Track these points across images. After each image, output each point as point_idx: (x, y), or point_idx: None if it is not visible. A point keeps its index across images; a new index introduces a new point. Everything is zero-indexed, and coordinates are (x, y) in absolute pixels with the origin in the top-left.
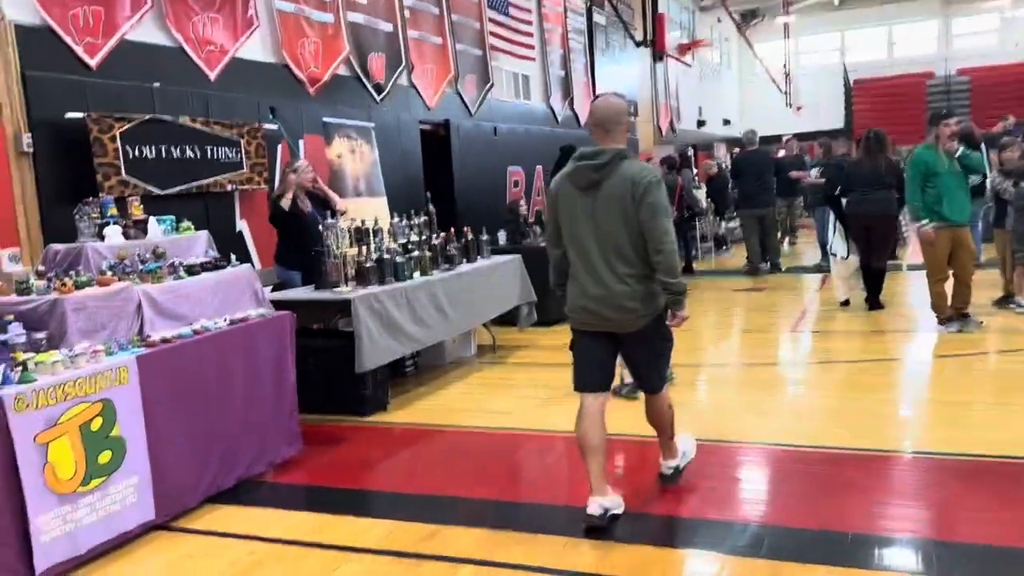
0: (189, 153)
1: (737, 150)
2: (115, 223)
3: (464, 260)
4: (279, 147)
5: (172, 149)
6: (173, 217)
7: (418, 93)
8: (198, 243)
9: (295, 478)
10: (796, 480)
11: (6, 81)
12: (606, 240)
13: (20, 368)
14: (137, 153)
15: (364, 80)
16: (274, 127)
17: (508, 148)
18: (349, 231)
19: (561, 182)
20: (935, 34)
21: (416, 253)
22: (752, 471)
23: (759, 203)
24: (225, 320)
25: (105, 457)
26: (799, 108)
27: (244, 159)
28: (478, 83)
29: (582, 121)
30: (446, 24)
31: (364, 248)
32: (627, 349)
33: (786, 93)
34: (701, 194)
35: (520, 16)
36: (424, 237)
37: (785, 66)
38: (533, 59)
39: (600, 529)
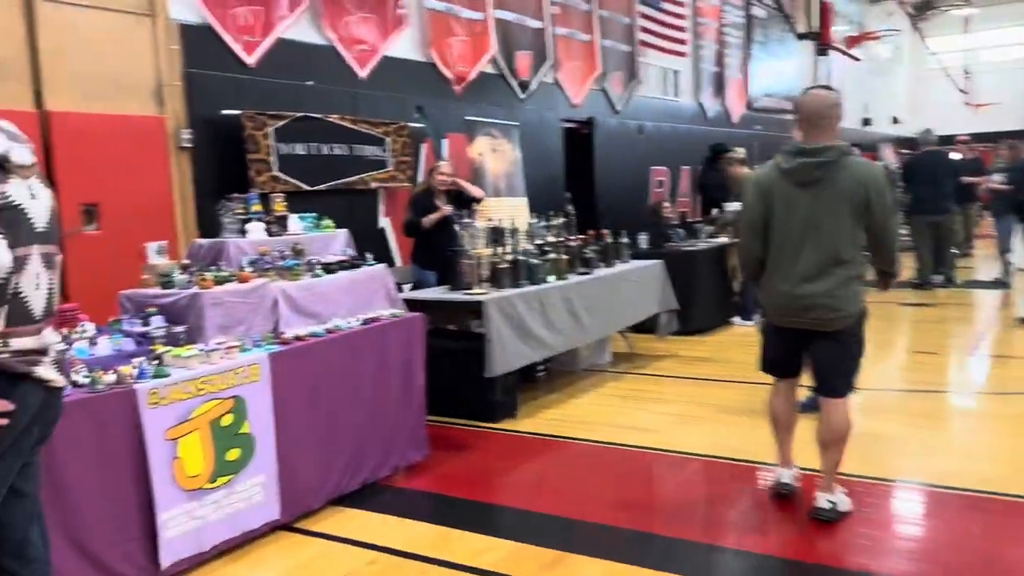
0: (337, 150)
1: (906, 151)
2: (258, 219)
3: (602, 264)
4: (423, 146)
5: (321, 147)
6: (315, 214)
7: (562, 91)
8: (337, 241)
9: (420, 484)
10: (966, 530)
11: (170, 77)
12: (823, 239)
13: (156, 362)
14: (288, 150)
15: (509, 78)
16: (420, 125)
17: (653, 147)
18: (485, 231)
19: (772, 177)
20: None
21: (552, 255)
22: (914, 517)
23: (934, 209)
24: (357, 320)
25: (234, 455)
26: (979, 106)
27: (389, 157)
28: (625, 80)
29: (734, 118)
30: (595, 20)
31: (499, 249)
32: (818, 348)
33: (963, 91)
34: None
35: (673, 10)
36: (562, 239)
37: (964, 62)
38: (684, 55)
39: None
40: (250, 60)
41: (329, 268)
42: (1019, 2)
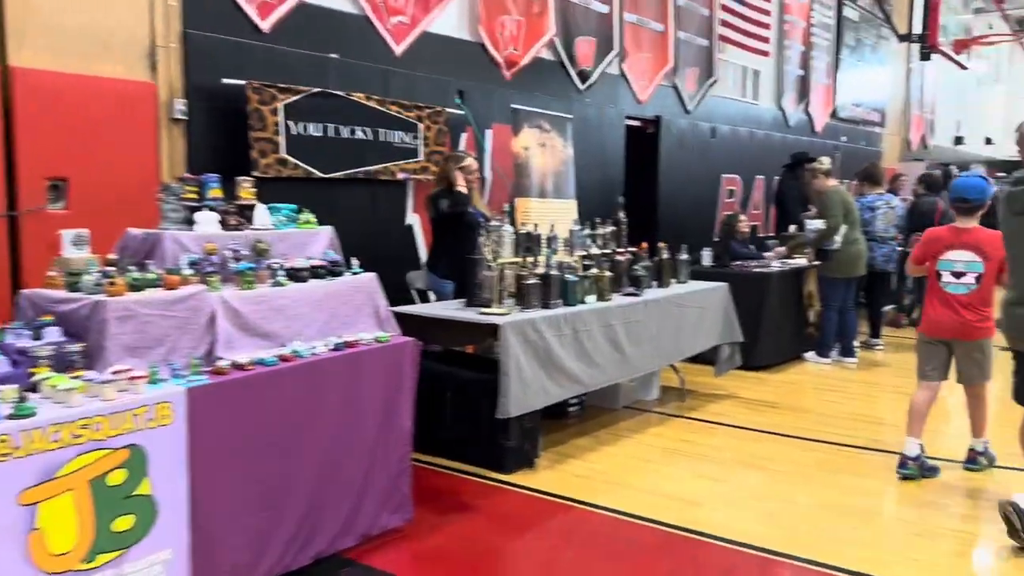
0: (359, 134)
1: (1004, 174)
2: (212, 208)
3: (655, 284)
4: (463, 135)
5: (340, 128)
6: (293, 206)
7: (628, 84)
8: (317, 241)
9: (393, 561)
10: None
11: (165, 38)
12: None
13: (29, 393)
14: (300, 130)
15: (568, 66)
16: (460, 112)
17: (726, 152)
18: (514, 236)
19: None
20: None
21: (594, 271)
22: None
23: None
24: (327, 343)
25: (124, 523)
26: None
27: (420, 145)
28: (699, 77)
29: (818, 127)
30: (669, 8)
31: (530, 260)
32: None
33: None
34: None
35: (757, 4)
36: (608, 251)
37: None
38: (767, 54)
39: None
40: (264, 24)
41: (296, 275)
42: None
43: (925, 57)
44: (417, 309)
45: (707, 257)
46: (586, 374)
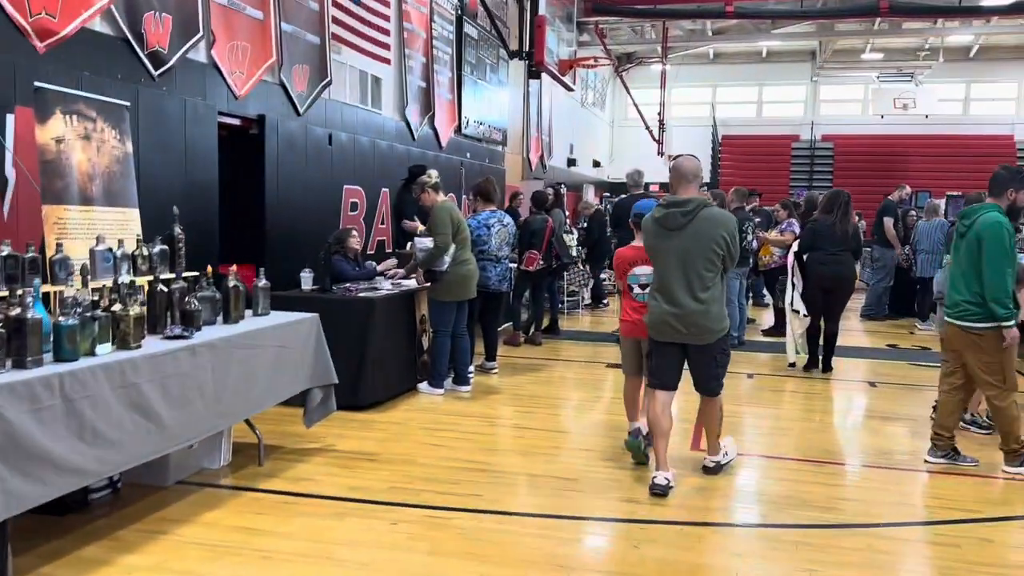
0: None
1: (609, 194)
2: None
3: (220, 318)
4: None
5: None
6: None
7: (221, 75)
8: None
9: None
10: None
11: None
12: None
13: None
14: None
15: (135, 44)
16: None
17: (347, 161)
18: None
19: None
20: (803, 97)
21: (117, 308)
22: None
23: None
24: None
25: None
26: (671, 157)
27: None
28: (311, 77)
29: (443, 142)
30: None
31: (12, 295)
32: None
33: (658, 142)
34: (572, 240)
35: (372, 6)
36: (148, 280)
37: (659, 114)
38: (387, 60)
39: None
40: None
41: None
42: (708, 64)
43: (534, 75)
44: None
45: (307, 279)
46: (91, 458)
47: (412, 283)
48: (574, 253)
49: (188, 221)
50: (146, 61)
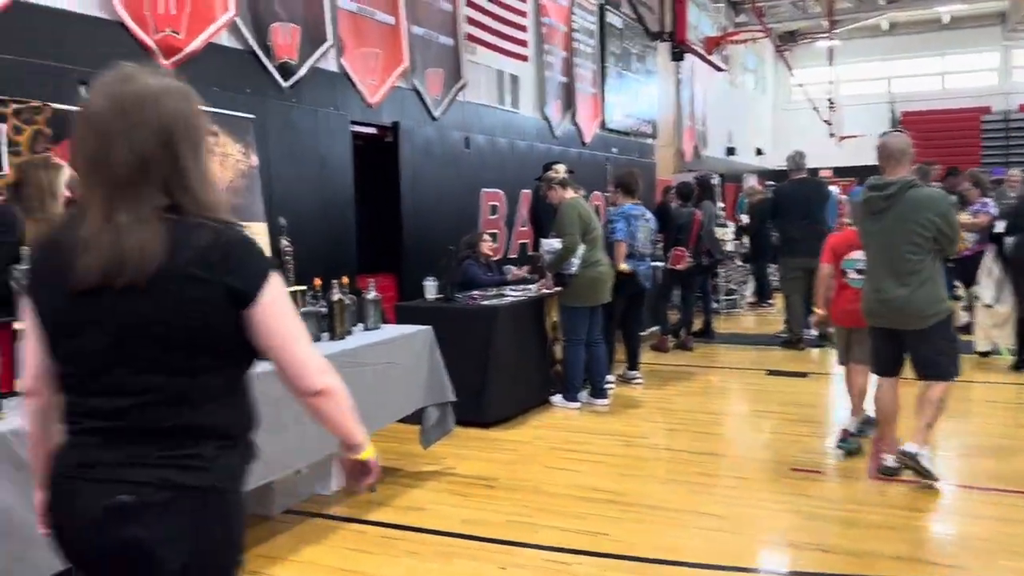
0: None
1: (772, 183)
2: None
3: (326, 335)
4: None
5: None
6: None
7: (352, 84)
8: None
9: None
10: None
11: None
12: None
13: None
14: None
15: (262, 56)
16: (76, 108)
17: (485, 165)
18: None
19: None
20: (994, 65)
21: None
22: None
23: (807, 250)
24: None
25: None
26: (843, 139)
27: (3, 150)
28: (446, 80)
29: (586, 138)
30: None
31: None
32: None
33: (828, 123)
34: (727, 233)
35: (508, 3)
36: None
37: (829, 94)
38: (525, 58)
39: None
40: None
41: None
42: (882, 36)
43: (677, 56)
44: None
45: (431, 288)
46: None
47: (532, 287)
48: (730, 248)
49: (324, 233)
50: (275, 73)
